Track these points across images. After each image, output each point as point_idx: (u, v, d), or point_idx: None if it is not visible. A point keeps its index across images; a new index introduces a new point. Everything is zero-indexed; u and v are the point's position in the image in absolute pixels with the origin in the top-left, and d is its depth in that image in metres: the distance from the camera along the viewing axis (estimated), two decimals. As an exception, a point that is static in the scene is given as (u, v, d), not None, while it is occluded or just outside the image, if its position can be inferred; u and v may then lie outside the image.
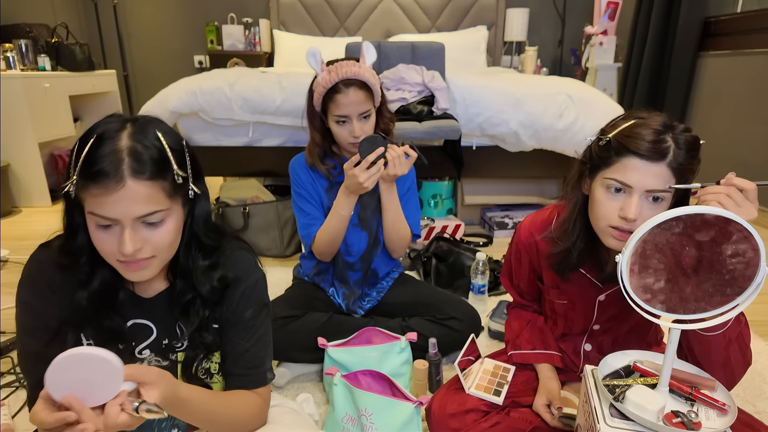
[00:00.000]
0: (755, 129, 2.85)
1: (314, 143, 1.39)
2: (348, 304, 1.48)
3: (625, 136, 0.83)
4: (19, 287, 0.77)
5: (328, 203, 1.41)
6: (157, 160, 0.67)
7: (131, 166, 0.64)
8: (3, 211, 2.86)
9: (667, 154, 0.80)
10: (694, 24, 3.16)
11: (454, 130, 2.18)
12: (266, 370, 0.87)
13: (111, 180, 0.63)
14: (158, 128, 0.70)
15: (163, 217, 0.69)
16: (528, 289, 1.17)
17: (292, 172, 1.44)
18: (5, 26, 3.17)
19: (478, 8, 4.03)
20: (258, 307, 0.84)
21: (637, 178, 0.81)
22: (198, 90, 2.22)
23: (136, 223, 0.67)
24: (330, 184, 1.42)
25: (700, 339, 0.84)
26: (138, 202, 0.65)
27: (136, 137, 0.66)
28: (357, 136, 1.30)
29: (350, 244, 1.43)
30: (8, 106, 2.83)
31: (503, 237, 2.52)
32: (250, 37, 4.03)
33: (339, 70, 1.27)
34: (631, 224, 0.82)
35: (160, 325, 0.81)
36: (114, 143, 0.65)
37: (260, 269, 0.86)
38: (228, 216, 2.27)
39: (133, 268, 0.70)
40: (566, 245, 0.97)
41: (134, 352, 0.81)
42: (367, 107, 1.31)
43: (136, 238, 0.67)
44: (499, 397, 1.04)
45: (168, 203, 0.69)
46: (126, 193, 0.64)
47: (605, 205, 0.86)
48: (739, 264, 0.71)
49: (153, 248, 0.70)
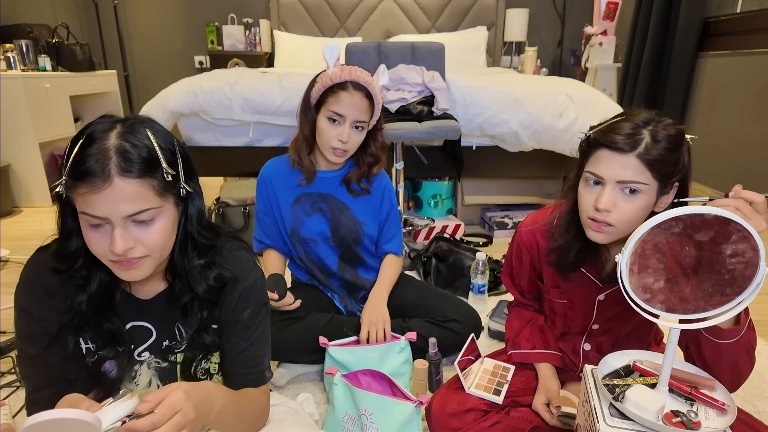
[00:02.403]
0: (755, 129, 2.85)
1: (303, 138, 1.34)
2: (346, 305, 1.48)
3: (603, 131, 0.85)
4: (17, 292, 0.76)
5: (290, 218, 1.38)
6: (145, 158, 0.66)
7: (118, 165, 0.64)
8: (3, 211, 2.86)
9: (637, 146, 0.81)
10: (694, 24, 3.16)
11: (454, 130, 2.18)
12: (265, 368, 0.87)
13: (98, 178, 0.63)
14: (149, 127, 0.69)
15: (153, 216, 0.69)
16: (529, 288, 1.17)
17: (261, 184, 1.40)
18: (6, 26, 3.18)
19: (478, 9, 4.04)
20: (256, 306, 0.84)
21: (606, 169, 0.84)
22: (198, 90, 2.22)
23: (126, 221, 0.67)
24: (296, 197, 1.38)
25: (713, 346, 0.84)
26: (126, 201, 0.65)
27: (124, 136, 0.66)
28: (344, 141, 1.26)
29: (323, 258, 1.42)
30: (9, 106, 2.83)
31: (503, 237, 2.52)
32: (250, 38, 4.03)
33: (353, 71, 1.26)
34: (605, 215, 0.85)
35: (159, 326, 0.81)
36: (102, 142, 0.65)
37: (259, 269, 0.86)
38: (228, 216, 2.28)
39: (126, 267, 0.69)
40: (565, 242, 0.97)
41: (133, 354, 0.81)
42: (365, 118, 1.28)
43: (126, 237, 0.67)
44: (498, 397, 1.04)
45: (158, 201, 0.69)
46: (113, 192, 0.64)
47: (584, 197, 0.89)
48: (738, 264, 0.71)
49: (145, 247, 0.69)
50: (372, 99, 1.28)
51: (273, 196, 1.39)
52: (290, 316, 1.36)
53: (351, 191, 1.39)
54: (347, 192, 1.39)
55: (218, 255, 0.81)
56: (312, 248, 1.41)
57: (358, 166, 1.38)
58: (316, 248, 1.41)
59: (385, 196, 1.43)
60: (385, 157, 1.41)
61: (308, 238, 1.39)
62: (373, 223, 1.43)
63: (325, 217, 1.39)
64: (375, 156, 1.38)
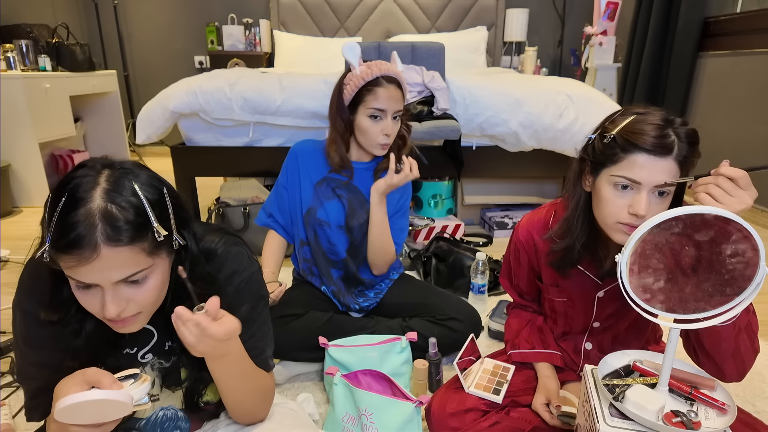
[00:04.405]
0: (755, 129, 2.85)
1: (341, 139, 1.36)
2: (340, 300, 1.47)
3: (630, 132, 0.82)
4: (18, 294, 0.74)
5: (310, 197, 1.40)
6: (134, 223, 0.62)
7: (106, 233, 0.59)
8: (3, 211, 2.86)
9: (672, 149, 0.80)
10: (694, 24, 3.16)
11: (454, 130, 2.19)
12: (267, 357, 0.87)
13: (85, 250, 0.59)
14: (135, 179, 0.64)
15: (146, 275, 0.66)
16: (527, 289, 1.17)
17: (291, 157, 1.43)
18: (6, 27, 3.18)
19: (477, 9, 4.04)
20: (254, 299, 0.84)
21: (645, 175, 0.81)
22: (198, 90, 2.22)
23: (117, 284, 0.64)
24: (323, 178, 1.41)
25: (709, 331, 0.83)
26: (116, 268, 0.62)
27: (110, 196, 0.61)
28: (388, 134, 1.31)
29: (335, 243, 1.43)
30: (9, 107, 2.84)
31: (503, 237, 2.52)
32: (250, 38, 4.04)
33: (381, 66, 1.29)
34: (641, 220, 0.82)
35: (160, 328, 0.81)
36: (86, 204, 0.60)
37: (255, 262, 0.86)
38: (228, 216, 2.28)
39: (120, 325, 0.68)
40: (569, 242, 0.96)
41: (137, 356, 0.81)
42: (401, 107, 1.33)
43: (118, 300, 0.64)
44: (498, 396, 1.04)
45: (150, 261, 0.65)
46: (102, 262, 0.60)
47: (613, 202, 0.86)
48: (738, 264, 0.71)
49: (138, 305, 0.67)
50: (401, 88, 1.33)
51: (297, 172, 1.42)
52: (289, 313, 1.36)
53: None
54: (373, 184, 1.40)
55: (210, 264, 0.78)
56: (325, 231, 1.41)
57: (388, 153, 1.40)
58: (330, 232, 1.41)
59: (402, 197, 1.46)
60: (409, 137, 1.44)
61: (323, 221, 1.40)
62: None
63: (342, 205, 1.40)
64: (403, 138, 1.42)
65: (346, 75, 1.33)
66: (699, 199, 0.79)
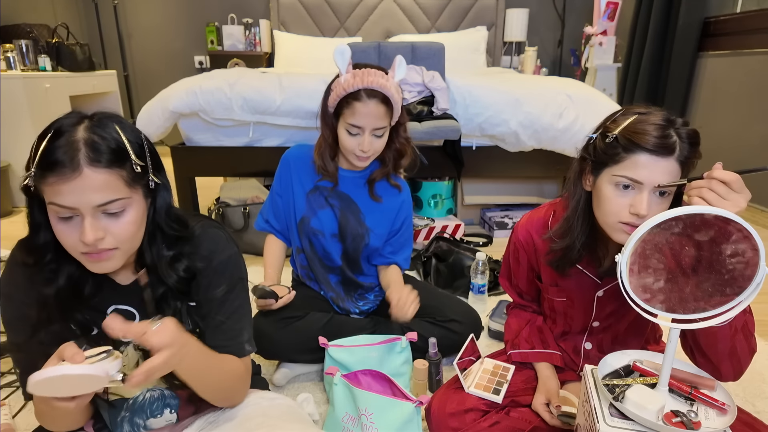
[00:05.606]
0: (755, 129, 2.85)
1: (326, 143, 1.32)
2: (339, 305, 1.47)
3: (632, 132, 0.82)
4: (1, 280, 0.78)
5: (303, 206, 1.38)
6: (114, 150, 0.67)
7: (87, 155, 0.65)
8: (3, 211, 2.86)
9: (674, 149, 0.80)
10: (694, 24, 3.17)
11: (454, 130, 2.19)
12: (244, 341, 0.87)
13: (67, 168, 0.64)
14: (116, 122, 0.71)
15: (123, 206, 0.70)
16: (527, 289, 1.17)
17: (283, 164, 1.41)
18: (6, 27, 3.18)
19: (477, 8, 4.04)
20: (232, 281, 0.85)
21: (647, 175, 0.81)
22: (198, 90, 2.22)
23: (96, 212, 0.68)
24: (314, 186, 1.39)
25: (706, 331, 0.83)
26: (96, 190, 0.66)
27: (93, 129, 0.67)
28: (365, 150, 1.24)
29: (330, 251, 1.42)
30: (9, 107, 2.83)
31: (503, 237, 2.52)
32: (250, 38, 4.04)
33: (365, 77, 1.20)
34: (642, 220, 0.82)
35: (141, 310, 0.82)
36: (70, 135, 0.66)
37: (233, 245, 0.87)
38: (228, 216, 2.28)
39: (96, 259, 0.70)
40: (569, 242, 0.96)
41: (105, 313, 0.81)
42: (383, 124, 1.24)
43: (96, 227, 0.67)
44: (498, 396, 1.04)
45: (128, 192, 0.70)
46: (83, 181, 0.65)
47: (614, 201, 0.86)
48: (738, 264, 0.71)
49: (115, 239, 0.70)
50: (389, 102, 1.23)
51: (290, 180, 1.40)
52: (290, 315, 1.36)
53: (373, 195, 1.38)
54: (368, 194, 1.38)
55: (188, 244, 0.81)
56: (319, 240, 1.40)
57: (384, 165, 1.37)
58: (324, 241, 1.40)
59: (402, 209, 1.42)
60: (410, 149, 1.38)
61: (317, 230, 1.39)
62: (382, 232, 1.42)
63: (334, 214, 1.39)
64: (399, 150, 1.36)
65: (334, 80, 1.26)
66: (693, 204, 0.79)
